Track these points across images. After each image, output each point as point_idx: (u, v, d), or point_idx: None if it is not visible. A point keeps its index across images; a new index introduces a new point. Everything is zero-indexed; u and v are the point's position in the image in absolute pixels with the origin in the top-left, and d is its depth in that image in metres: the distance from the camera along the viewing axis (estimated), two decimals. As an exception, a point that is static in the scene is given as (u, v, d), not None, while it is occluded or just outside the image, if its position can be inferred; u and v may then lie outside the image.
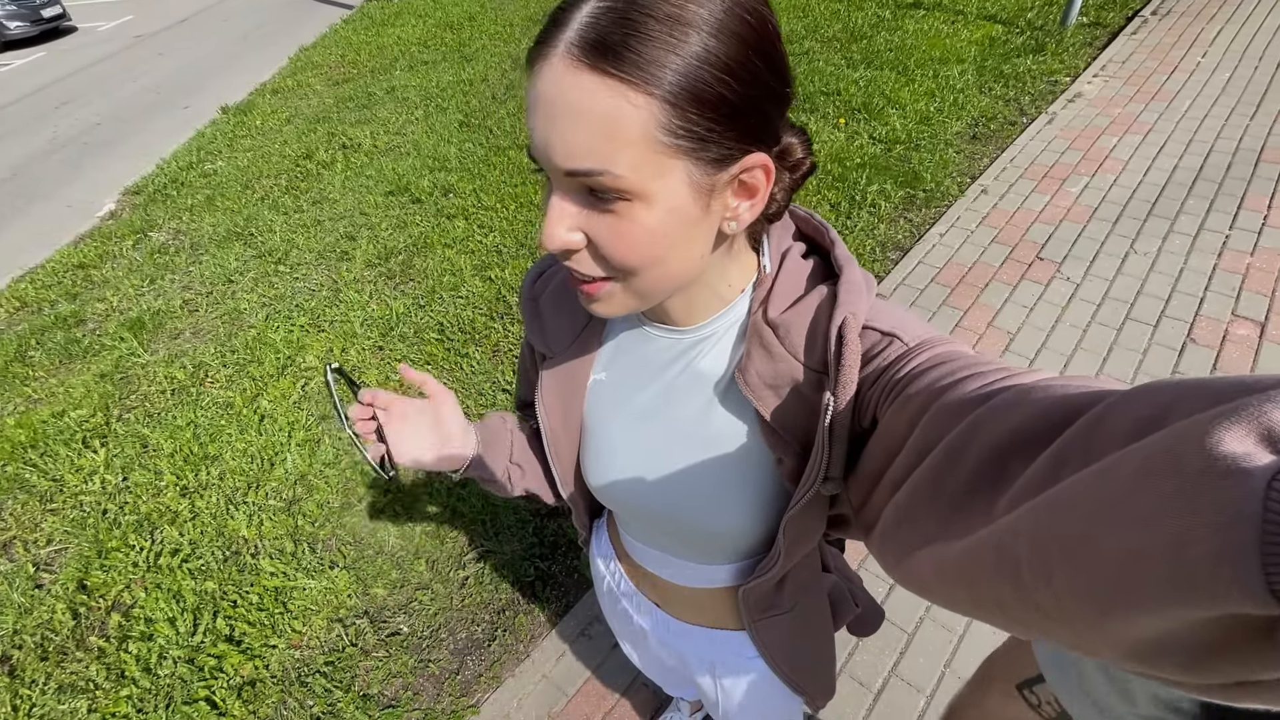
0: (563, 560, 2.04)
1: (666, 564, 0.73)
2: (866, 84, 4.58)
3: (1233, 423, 0.18)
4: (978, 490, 0.31)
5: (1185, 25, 4.97)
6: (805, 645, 0.80)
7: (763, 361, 0.52)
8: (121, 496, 2.44)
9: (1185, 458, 0.18)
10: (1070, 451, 0.25)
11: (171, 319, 3.38)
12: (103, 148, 5.83)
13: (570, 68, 0.38)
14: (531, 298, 0.68)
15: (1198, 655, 0.19)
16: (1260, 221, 2.99)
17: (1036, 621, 0.25)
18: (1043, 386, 0.31)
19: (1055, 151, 3.68)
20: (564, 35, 0.39)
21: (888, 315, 0.49)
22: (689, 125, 0.40)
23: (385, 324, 3.08)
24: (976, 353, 0.42)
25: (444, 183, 4.23)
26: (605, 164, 0.40)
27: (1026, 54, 4.76)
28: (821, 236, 0.56)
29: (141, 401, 2.88)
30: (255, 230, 4.02)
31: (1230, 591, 0.16)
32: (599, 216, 0.43)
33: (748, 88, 0.41)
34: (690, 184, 0.42)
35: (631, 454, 0.63)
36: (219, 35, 8.90)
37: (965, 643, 1.72)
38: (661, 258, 0.45)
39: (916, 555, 0.34)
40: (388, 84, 6.05)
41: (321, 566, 2.10)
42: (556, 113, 0.40)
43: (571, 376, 0.66)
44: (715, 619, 0.78)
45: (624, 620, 0.90)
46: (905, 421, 0.40)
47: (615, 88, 0.38)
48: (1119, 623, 0.20)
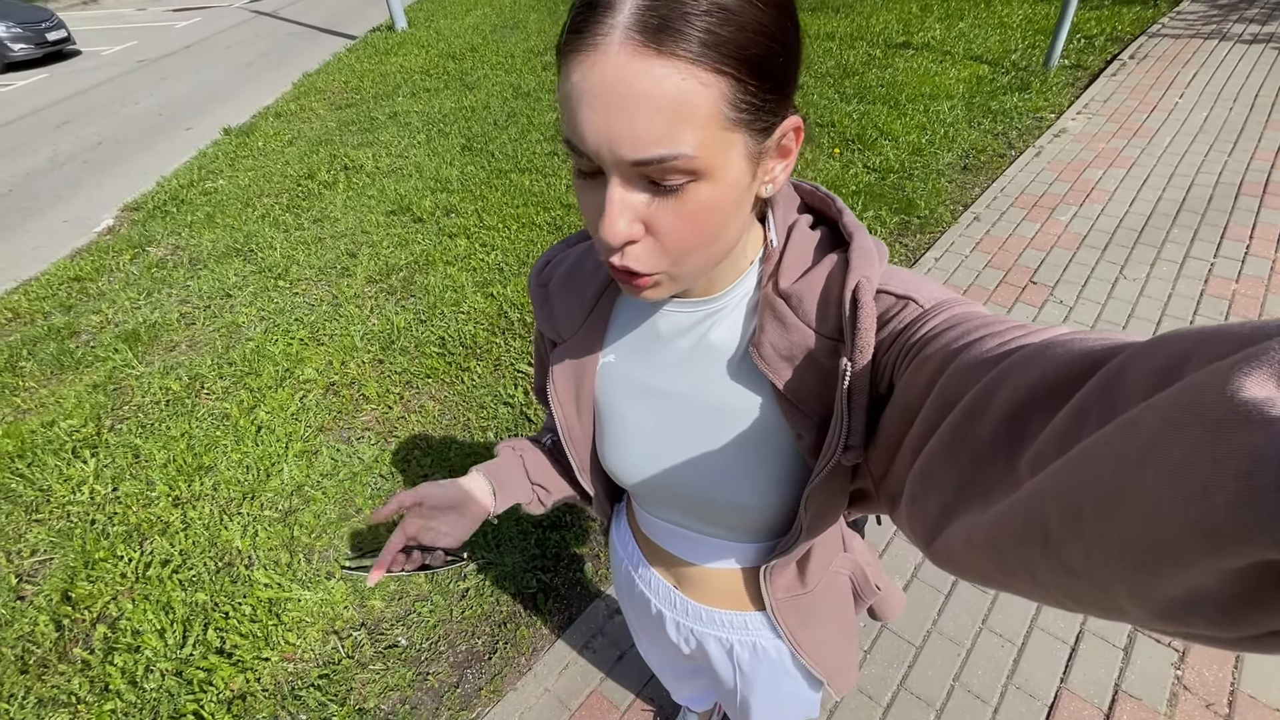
0: (565, 572, 2.01)
1: (687, 542, 0.72)
2: (860, 116, 4.72)
3: (1254, 368, 0.17)
4: (999, 448, 0.30)
5: (1162, 69, 5.21)
6: (827, 627, 0.79)
7: (776, 333, 0.52)
8: (111, 507, 2.38)
9: (1207, 406, 0.18)
10: (1091, 405, 0.25)
11: (167, 331, 3.36)
12: (103, 166, 5.85)
13: (634, 53, 0.37)
14: (540, 284, 0.68)
15: (1229, 608, 0.19)
16: (1243, 251, 3.09)
17: (1067, 584, 0.25)
18: (1061, 342, 0.30)
19: (1044, 182, 3.80)
20: (616, 20, 0.37)
21: (902, 279, 0.49)
22: (750, 97, 0.40)
23: (386, 338, 3.08)
24: (993, 313, 0.42)
25: (446, 203, 4.27)
26: (678, 148, 0.39)
27: (1012, 92, 4.95)
28: (828, 207, 0.56)
29: (135, 412, 2.84)
30: (255, 247, 4.02)
31: (1255, 536, 0.16)
32: (662, 202, 0.42)
33: (790, 53, 0.42)
34: (747, 154, 0.43)
35: (646, 432, 0.63)
36: (222, 62, 9.04)
37: (974, 656, 1.70)
38: (717, 233, 0.46)
39: (947, 531, 0.33)
40: (390, 109, 6.15)
41: (317, 578, 2.05)
42: (621, 101, 0.38)
43: (582, 360, 0.66)
44: (736, 601, 0.76)
45: (641, 607, 0.88)
46: (923, 383, 0.39)
47: (685, 69, 0.37)
48: (1151, 578, 0.20)
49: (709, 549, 0.71)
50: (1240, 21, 6.16)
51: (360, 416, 2.67)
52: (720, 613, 0.78)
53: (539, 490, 0.80)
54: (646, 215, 0.43)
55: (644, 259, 0.45)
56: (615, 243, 0.43)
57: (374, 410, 2.69)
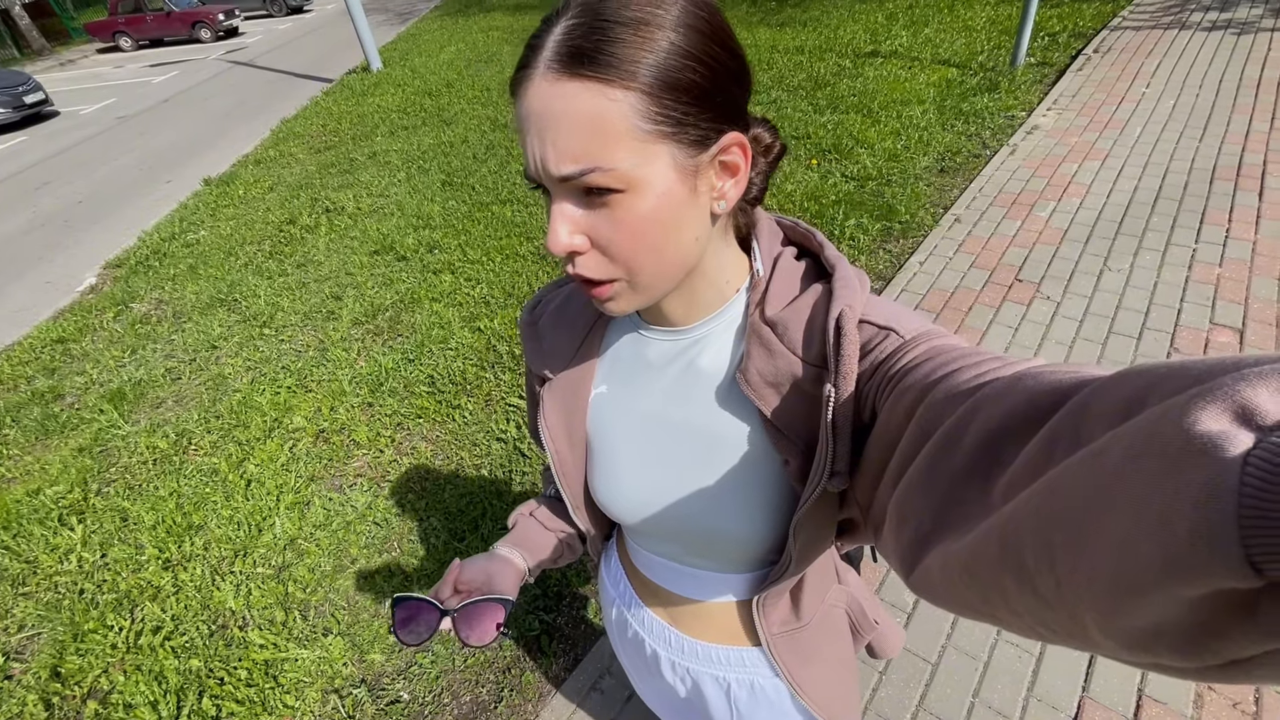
0: (568, 611, 1.96)
1: (679, 576, 0.72)
2: (834, 127, 4.77)
3: (1208, 402, 0.18)
4: (973, 477, 0.31)
5: (1126, 60, 5.29)
6: (825, 664, 0.77)
7: (763, 360, 0.53)
8: (100, 574, 2.32)
9: (1166, 438, 0.19)
10: (1061, 435, 0.26)
11: (154, 388, 3.31)
12: (84, 224, 5.84)
13: (552, 81, 0.42)
14: (530, 322, 0.70)
15: (1191, 636, 0.19)
16: (1223, 235, 3.11)
17: (1041, 613, 0.25)
18: (1033, 374, 0.31)
19: (1021, 180, 3.83)
20: (541, 56, 0.42)
21: (883, 310, 0.50)
22: (665, 110, 0.42)
23: (374, 380, 3.04)
24: (972, 345, 0.43)
25: (429, 240, 4.27)
26: (595, 161, 0.42)
27: (982, 93, 5.01)
28: (809, 240, 0.58)
29: (122, 474, 2.78)
30: (239, 296, 4.00)
31: (1211, 565, 0.17)
32: (597, 214, 0.45)
33: (713, 71, 0.44)
34: (676, 167, 0.45)
35: (637, 461, 0.64)
36: (201, 114, 9.10)
37: (991, 669, 1.66)
38: (660, 244, 0.47)
39: (925, 560, 0.34)
40: (369, 149, 6.18)
41: (314, 634, 1.99)
42: (545, 124, 0.43)
43: (573, 393, 0.67)
44: (731, 636, 0.75)
45: (635, 649, 0.86)
46: (902, 413, 0.41)
47: (594, 88, 0.41)
48: (1119, 608, 0.21)
49: (702, 582, 0.71)
50: (1198, 10, 6.29)
51: (351, 463, 2.63)
52: (716, 648, 0.76)
53: (561, 535, 0.83)
54: (587, 227, 0.46)
55: (594, 268, 0.48)
56: (558, 252, 0.46)
57: (365, 456, 2.65)
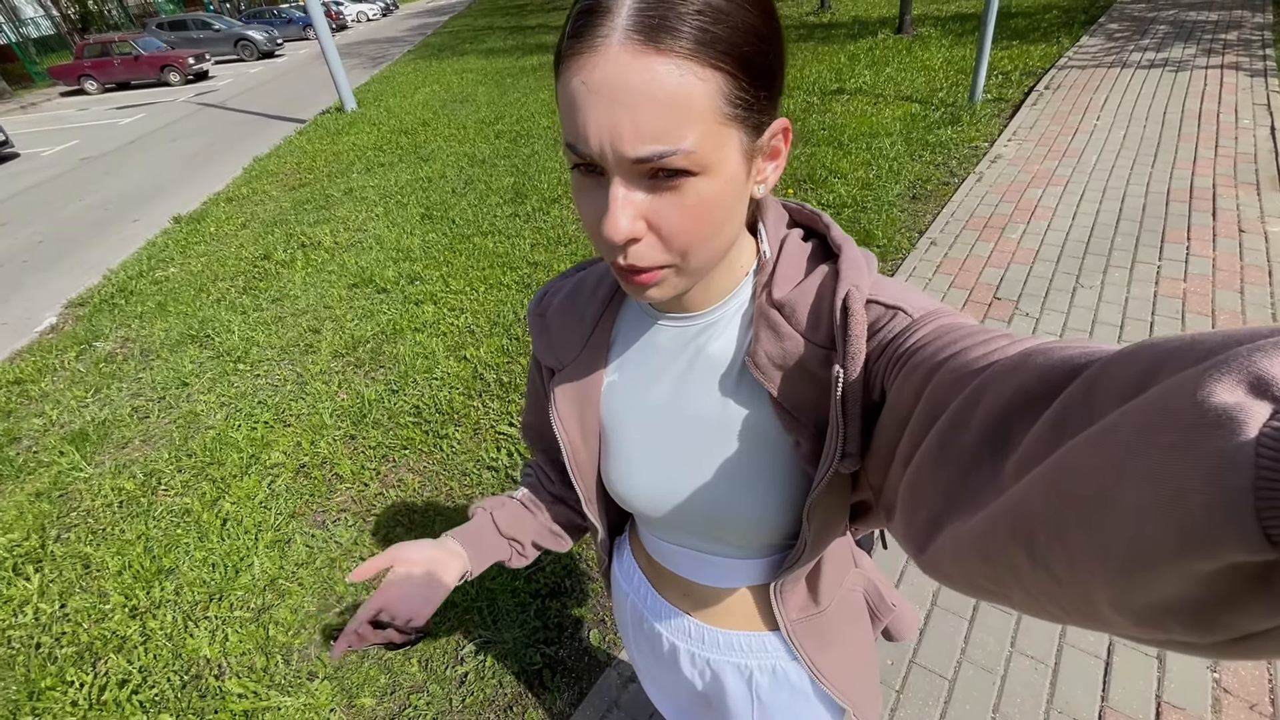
0: (570, 642, 1.88)
1: (697, 563, 0.71)
2: (808, 159, 4.92)
3: (1222, 374, 0.18)
4: (983, 455, 0.31)
5: (1076, 95, 5.61)
6: (846, 648, 0.77)
7: (771, 343, 0.53)
8: (58, 627, 2.15)
9: (1179, 411, 0.19)
10: (1071, 410, 0.26)
11: (119, 428, 3.16)
12: (44, 264, 5.64)
13: (634, 52, 0.38)
14: (539, 313, 0.69)
15: (1203, 611, 0.19)
16: (1184, 252, 3.25)
17: (1053, 591, 0.25)
18: (1041, 350, 0.31)
19: (990, 205, 3.98)
20: (615, 22, 0.39)
21: (891, 289, 0.50)
22: (743, 93, 0.42)
23: (357, 412, 2.95)
24: (979, 323, 0.43)
25: (409, 271, 4.23)
26: (678, 142, 0.40)
27: (945, 125, 5.24)
28: (815, 222, 0.58)
29: (84, 518, 2.62)
30: (211, 332, 3.88)
31: (1226, 539, 0.17)
32: (662, 198, 0.43)
33: (777, 53, 0.44)
34: (741, 151, 0.44)
35: (650, 449, 0.63)
36: (170, 154, 8.98)
37: (1009, 682, 1.62)
38: (719, 228, 0.47)
39: (937, 540, 0.34)
40: (345, 185, 6.16)
41: (298, 680, 1.86)
42: (622, 98, 0.39)
43: (585, 383, 0.66)
44: (750, 622, 0.74)
45: (651, 644, 0.84)
46: (911, 392, 0.40)
47: (684, 65, 0.39)
48: (1131, 583, 0.20)
49: (719, 569, 0.70)
50: (1136, 50, 6.74)
51: (335, 498, 2.52)
52: (737, 635, 0.75)
53: (514, 544, 0.81)
54: (648, 212, 0.44)
55: (647, 255, 0.45)
56: (619, 240, 0.43)
57: (349, 489, 2.54)
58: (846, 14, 10.96)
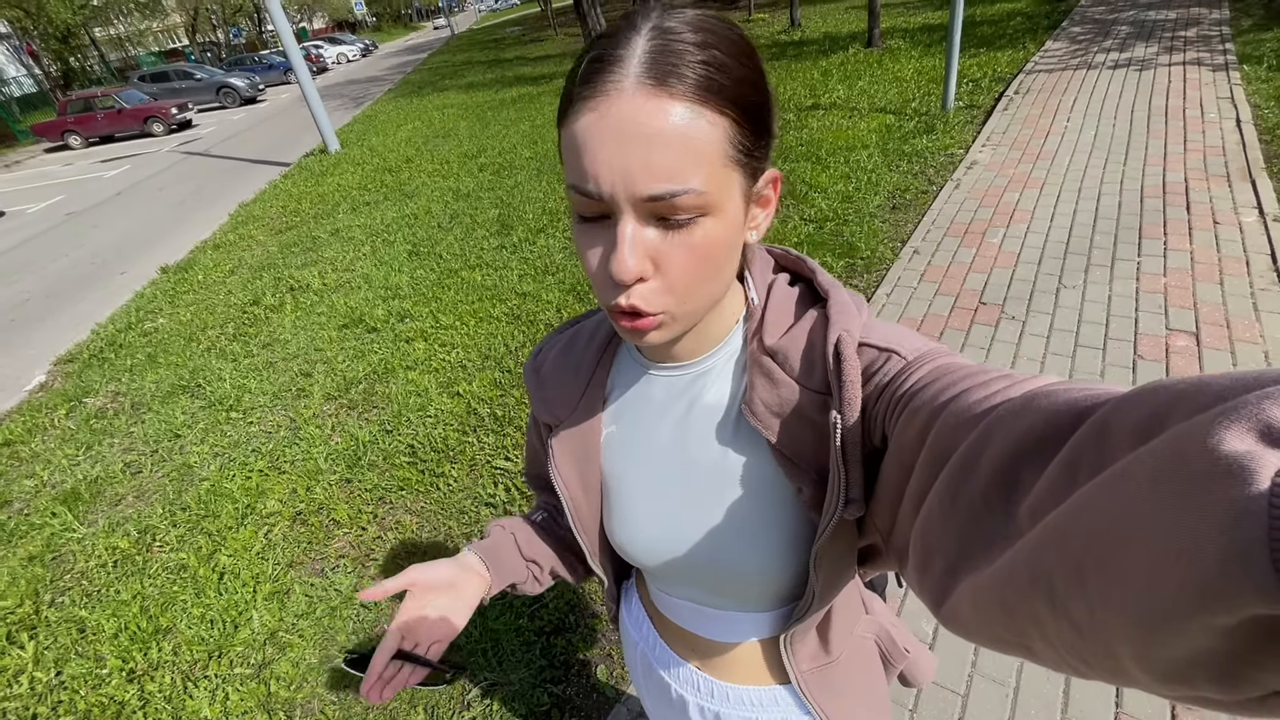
0: (578, 681, 1.85)
1: (703, 618, 0.70)
2: (788, 174, 4.99)
3: (1233, 421, 0.18)
4: (994, 502, 0.31)
5: (1045, 99, 5.73)
6: (858, 697, 0.75)
7: (766, 390, 0.53)
8: (55, 695, 2.11)
9: (1190, 460, 0.18)
10: (1083, 456, 0.25)
11: (111, 485, 3.12)
12: (31, 322, 5.62)
13: (648, 95, 0.40)
14: (534, 369, 0.69)
15: (1228, 667, 0.19)
16: (1162, 247, 3.30)
17: (1075, 644, 0.24)
18: (1045, 393, 0.31)
19: (969, 211, 4.03)
20: (628, 69, 0.41)
21: (883, 331, 0.50)
22: (746, 139, 0.44)
23: (351, 455, 2.93)
24: (976, 363, 0.43)
25: (399, 309, 4.24)
26: (688, 181, 0.41)
27: (920, 135, 5.33)
28: (801, 266, 0.58)
29: (78, 580, 2.58)
30: (202, 381, 3.86)
31: (1243, 591, 0.16)
32: (670, 238, 0.44)
33: (770, 105, 0.46)
34: (743, 195, 0.46)
35: (651, 501, 0.62)
36: (156, 204, 9.02)
37: (1022, 694, 1.61)
38: (718, 271, 0.47)
39: (955, 592, 0.33)
40: (332, 226, 6.19)
41: (302, 736, 1.83)
42: (636, 138, 0.40)
43: (583, 437, 0.66)
44: (760, 676, 0.72)
45: (660, 693, 0.82)
46: (914, 436, 0.40)
47: (694, 108, 0.41)
48: (1152, 637, 0.20)
49: (726, 623, 0.68)
50: (1100, 51, 6.91)
51: (333, 544, 2.49)
52: (746, 690, 0.73)
53: (533, 567, 0.79)
54: (655, 252, 0.44)
55: (650, 298, 0.46)
56: (628, 279, 0.43)
57: (346, 535, 2.52)
58: (817, 30, 11.20)
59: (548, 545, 0.81)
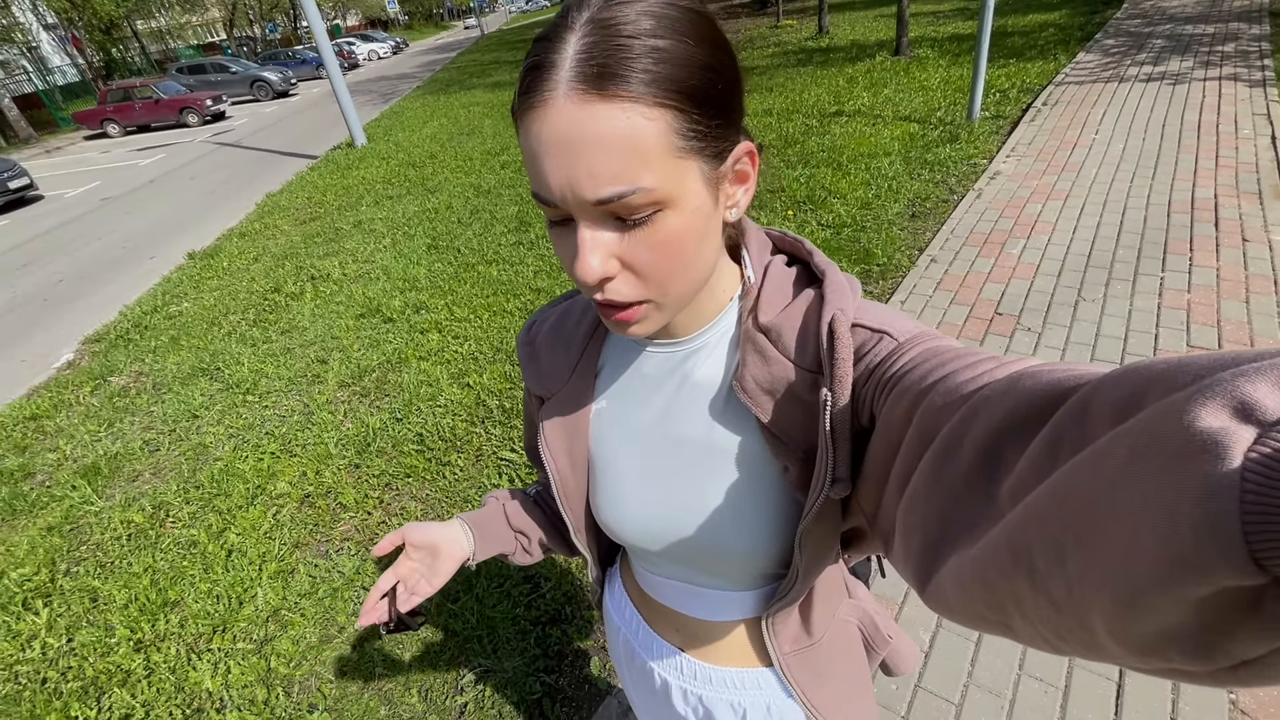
0: (570, 671, 1.86)
1: (687, 596, 0.70)
2: (807, 180, 4.97)
3: (1208, 398, 0.18)
4: (976, 481, 0.31)
5: (1074, 111, 5.64)
6: (840, 682, 0.75)
7: (758, 367, 0.53)
8: (65, 661, 2.17)
9: (1167, 436, 0.19)
10: (1064, 435, 0.26)
11: (130, 461, 3.20)
12: (64, 302, 5.80)
13: (580, 102, 0.40)
14: (528, 342, 0.69)
15: (1201, 639, 0.19)
16: (1187, 263, 3.23)
17: (1052, 619, 0.25)
18: (1030, 374, 0.31)
19: (989, 221, 3.98)
20: (559, 76, 0.40)
21: (876, 313, 0.50)
22: (695, 125, 0.42)
23: (361, 441, 2.98)
24: (966, 346, 0.43)
25: (415, 301, 4.29)
26: (635, 182, 0.41)
27: (944, 144, 5.28)
28: (799, 248, 0.58)
29: (93, 551, 2.65)
30: (222, 365, 3.95)
31: (1215, 564, 0.17)
32: (631, 235, 0.44)
33: (727, 81, 0.44)
34: (704, 180, 0.45)
35: (638, 477, 0.63)
36: (187, 192, 9.25)
37: (1018, 706, 1.58)
38: (693, 259, 0.47)
39: (939, 573, 0.34)
40: (354, 219, 6.29)
41: (299, 712, 1.85)
42: (575, 148, 0.40)
43: (573, 411, 0.66)
44: (743, 657, 0.73)
45: (643, 679, 0.83)
46: (901, 417, 0.40)
47: (629, 108, 0.40)
48: (1128, 611, 0.21)
49: (710, 602, 0.69)
50: (1134, 64, 6.78)
51: (338, 527, 2.53)
52: (728, 671, 0.74)
53: (521, 538, 0.81)
54: (619, 251, 0.44)
55: (624, 291, 0.46)
56: (591, 280, 0.44)
57: (352, 519, 2.56)
58: (845, 38, 11.13)
59: (537, 518, 0.82)
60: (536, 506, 0.83)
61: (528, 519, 0.82)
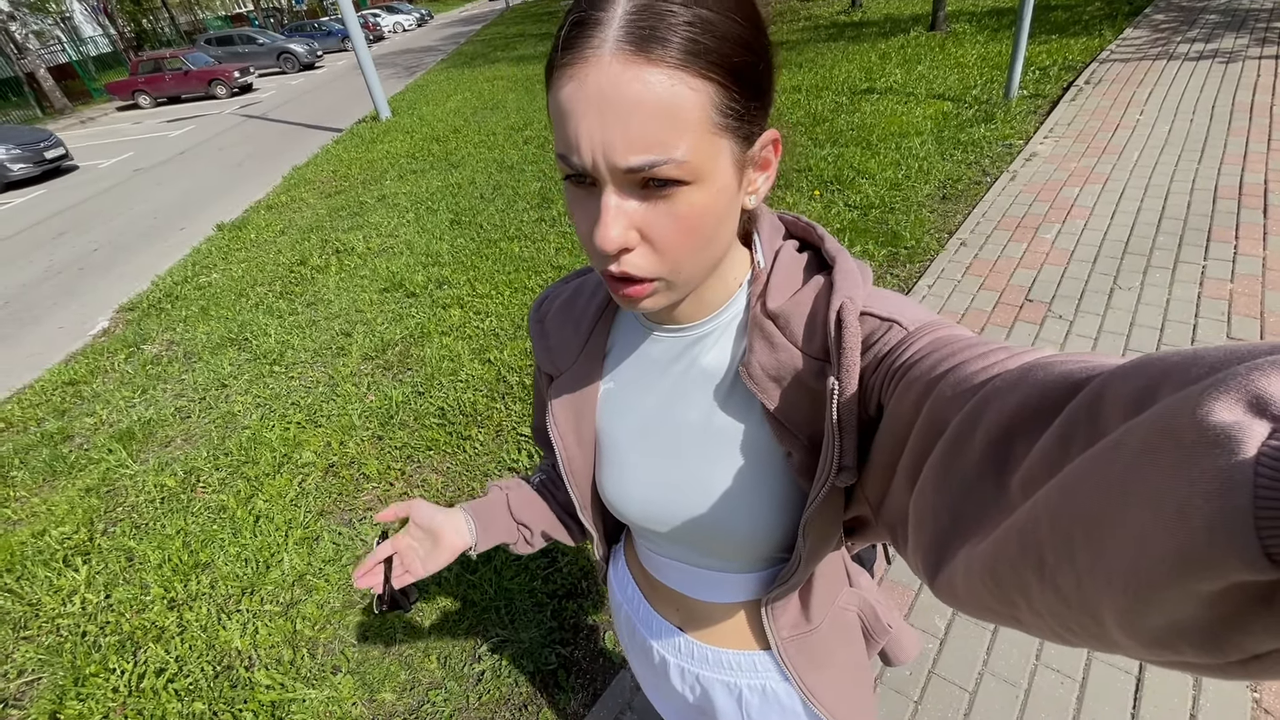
0: (585, 644, 1.89)
1: (689, 577, 0.71)
2: (835, 159, 4.86)
3: (1221, 392, 0.18)
4: (987, 473, 0.31)
5: (1118, 90, 5.41)
6: (837, 668, 0.75)
7: (765, 353, 0.52)
8: (103, 616, 2.26)
9: (1180, 430, 0.19)
10: (1076, 427, 0.25)
11: (163, 427, 3.30)
12: (98, 271, 5.94)
13: (625, 63, 0.39)
14: (538, 319, 0.69)
15: (1212, 633, 0.19)
16: (1232, 252, 3.11)
17: (1061, 612, 0.25)
18: (1042, 365, 0.31)
19: (1023, 204, 3.86)
20: (607, 34, 0.39)
21: (885, 301, 0.50)
22: (734, 103, 0.42)
23: (384, 414, 3.03)
24: (976, 335, 0.42)
25: (438, 276, 4.32)
26: (669, 152, 0.40)
27: (979, 124, 5.11)
28: (810, 234, 0.58)
29: (129, 513, 2.75)
30: (250, 335, 4.02)
31: (1227, 558, 0.17)
32: (655, 208, 0.43)
33: (766, 64, 0.44)
34: (733, 161, 0.44)
35: (643, 459, 0.63)
36: (216, 164, 9.36)
37: (1033, 697, 1.57)
38: (711, 238, 0.47)
39: (949, 565, 0.33)
40: (379, 193, 6.32)
41: (323, 673, 1.92)
42: (614, 108, 0.39)
43: (581, 391, 0.66)
44: (741, 639, 0.73)
45: (643, 655, 0.84)
46: (910, 407, 0.40)
47: (675, 75, 0.39)
48: (1139, 605, 0.20)
49: (711, 583, 0.69)
50: (1184, 41, 6.47)
51: (361, 496, 2.59)
52: (726, 653, 0.75)
53: (523, 530, 0.82)
54: (641, 222, 0.44)
55: (640, 265, 0.45)
56: (611, 249, 0.43)
57: (375, 489, 2.61)
58: (878, 12, 10.79)
59: (541, 508, 0.83)
60: (540, 497, 0.84)
61: (531, 511, 0.82)
